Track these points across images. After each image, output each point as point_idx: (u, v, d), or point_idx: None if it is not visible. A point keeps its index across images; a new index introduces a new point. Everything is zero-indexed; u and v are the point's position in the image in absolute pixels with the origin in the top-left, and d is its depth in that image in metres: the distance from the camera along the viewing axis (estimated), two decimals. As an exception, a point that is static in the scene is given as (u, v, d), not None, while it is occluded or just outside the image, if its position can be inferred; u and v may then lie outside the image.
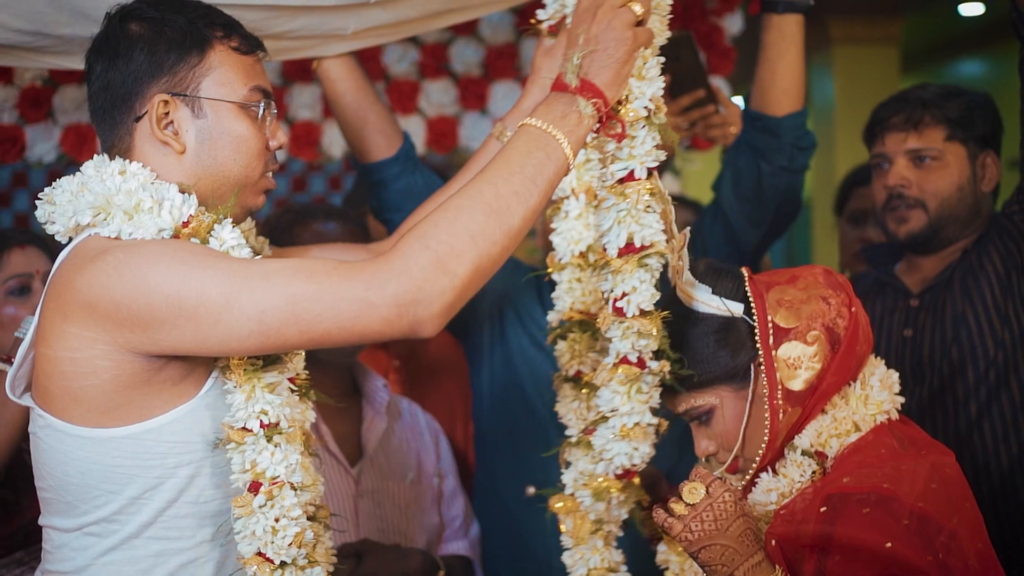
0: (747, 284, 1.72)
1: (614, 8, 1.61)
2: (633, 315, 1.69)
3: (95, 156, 1.65)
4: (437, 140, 3.12)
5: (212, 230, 1.60)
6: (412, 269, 1.48)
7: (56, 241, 1.66)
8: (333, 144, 3.11)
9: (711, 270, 1.75)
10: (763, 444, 1.69)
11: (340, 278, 1.50)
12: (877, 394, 1.70)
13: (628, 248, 1.69)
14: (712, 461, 1.75)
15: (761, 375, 1.68)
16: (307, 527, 1.61)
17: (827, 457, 1.67)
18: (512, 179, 1.54)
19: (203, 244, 1.59)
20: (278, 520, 1.58)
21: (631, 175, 1.68)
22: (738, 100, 3.10)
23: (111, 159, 1.64)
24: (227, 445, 1.59)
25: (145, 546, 1.58)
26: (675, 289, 1.77)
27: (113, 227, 1.57)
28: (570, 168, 1.59)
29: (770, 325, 1.68)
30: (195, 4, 1.69)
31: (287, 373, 1.64)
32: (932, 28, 6.45)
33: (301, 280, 1.50)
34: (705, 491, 1.57)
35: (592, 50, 1.60)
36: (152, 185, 1.60)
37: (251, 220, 1.72)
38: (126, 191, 1.57)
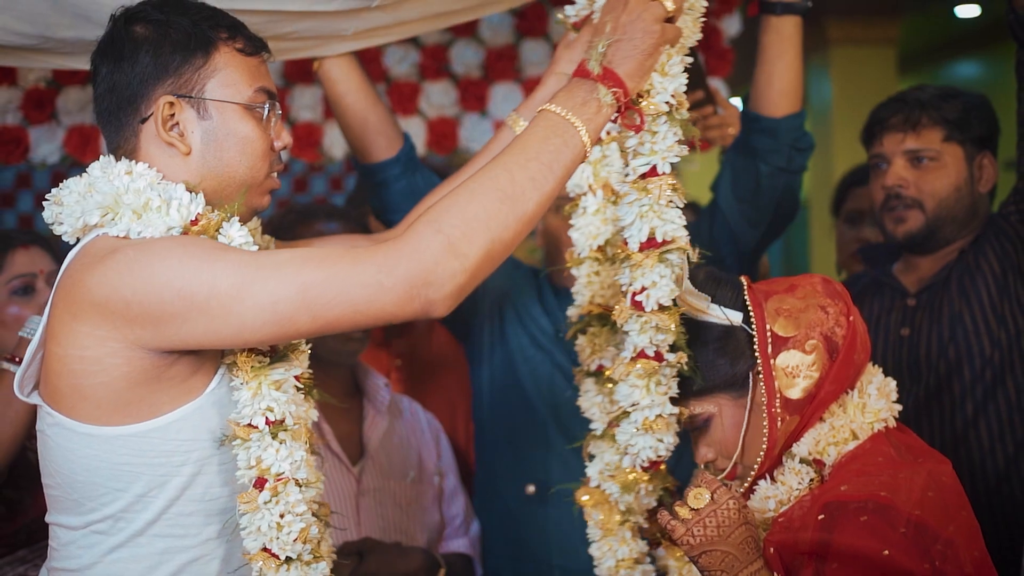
0: (746, 293, 1.73)
1: (646, 0, 1.62)
2: (652, 309, 1.69)
3: (101, 157, 1.66)
4: (437, 141, 3.13)
5: (220, 228, 1.60)
6: (423, 252, 1.48)
7: (60, 241, 1.67)
8: (334, 145, 3.11)
9: (710, 279, 1.76)
10: (761, 452, 1.70)
11: (352, 263, 1.50)
12: (874, 402, 1.71)
13: (649, 243, 1.70)
14: (711, 468, 1.75)
15: (760, 383, 1.69)
16: (312, 523, 1.62)
17: (825, 465, 1.68)
18: (528, 165, 1.54)
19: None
20: (283, 516, 1.59)
21: (653, 170, 1.69)
22: (736, 101, 3.11)
23: (117, 160, 1.64)
24: (233, 442, 1.59)
25: (151, 543, 1.59)
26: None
27: (122, 226, 1.57)
28: (587, 156, 1.59)
29: (769, 334, 1.69)
30: (200, 6, 1.69)
31: (293, 371, 1.64)
32: (929, 30, 6.46)
33: (312, 267, 1.50)
34: (710, 497, 1.58)
35: (618, 39, 1.61)
36: (159, 185, 1.60)
37: (257, 219, 1.72)
38: (135, 190, 1.58)
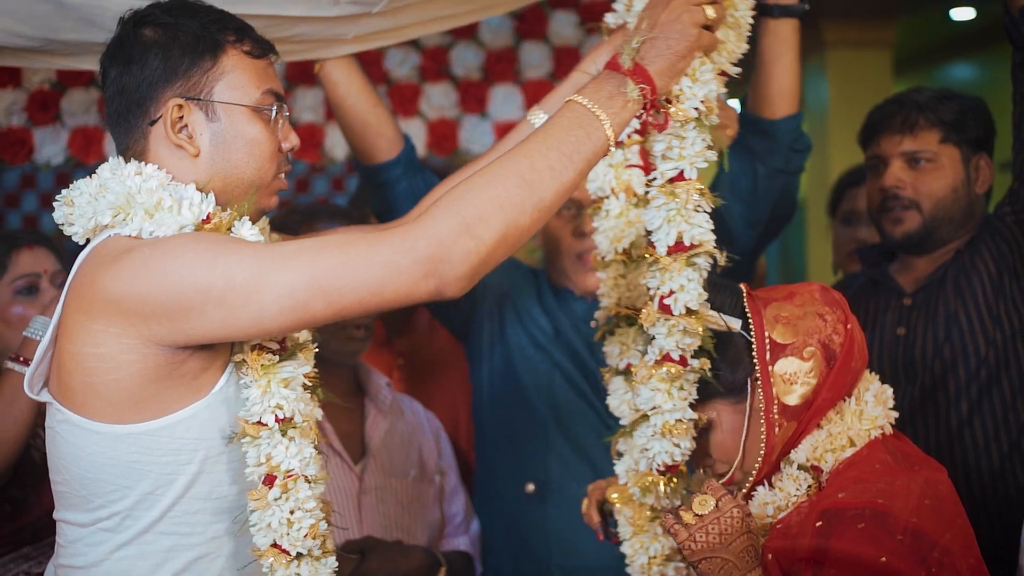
0: (745, 300, 1.74)
1: (688, 3, 1.63)
2: (680, 313, 1.70)
3: (110, 159, 1.66)
4: (438, 143, 3.14)
5: (231, 227, 1.61)
6: (439, 232, 1.49)
7: (64, 242, 1.68)
8: (335, 146, 3.12)
9: (710, 285, 1.76)
10: (759, 457, 1.70)
11: (368, 245, 1.51)
12: (871, 409, 1.72)
13: (677, 247, 1.70)
14: (709, 472, 1.77)
15: (758, 390, 1.70)
16: (321, 519, 1.63)
17: (822, 471, 1.69)
18: (549, 154, 1.55)
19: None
20: (293, 512, 1.60)
21: (681, 175, 1.70)
22: (734, 103, 3.13)
23: (126, 162, 1.65)
24: (242, 439, 1.60)
25: (157, 541, 1.59)
26: None
27: (134, 226, 1.58)
28: (610, 149, 1.60)
29: (767, 340, 1.70)
30: (208, 8, 1.69)
31: (302, 368, 1.65)
32: (925, 32, 6.46)
33: (329, 253, 1.51)
34: (715, 504, 1.58)
35: (654, 37, 1.62)
36: (170, 185, 1.61)
37: (265, 218, 1.73)
38: (147, 190, 1.58)
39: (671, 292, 1.70)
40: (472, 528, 2.66)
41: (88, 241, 1.64)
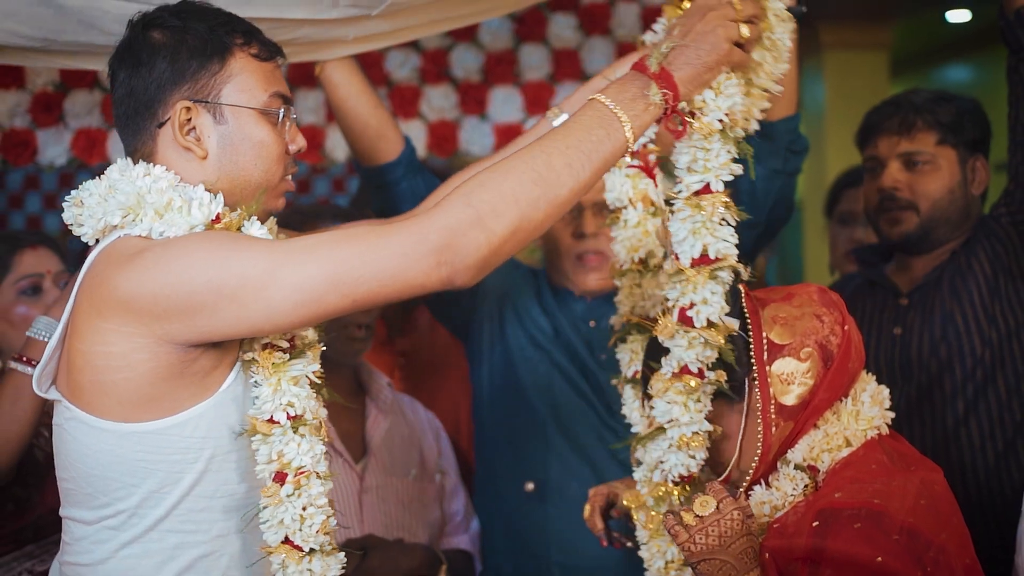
0: (743, 301, 1.75)
1: (724, 18, 1.63)
2: (702, 326, 1.68)
3: (118, 160, 1.67)
4: (438, 144, 3.14)
5: (241, 227, 1.61)
6: (451, 222, 1.50)
7: (67, 242, 1.68)
8: (336, 148, 3.12)
9: None
10: (756, 457, 1.71)
11: (380, 236, 1.51)
12: (868, 410, 1.72)
13: (702, 259, 1.68)
14: (706, 472, 1.76)
15: (755, 390, 1.70)
16: (331, 514, 1.64)
17: (819, 471, 1.69)
18: (567, 151, 1.56)
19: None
20: (305, 508, 1.61)
21: (707, 188, 1.69)
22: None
23: (134, 164, 1.65)
24: (253, 437, 1.60)
25: (163, 539, 1.59)
26: None
27: (143, 226, 1.58)
28: (628, 151, 1.60)
29: (765, 341, 1.70)
30: (216, 11, 1.70)
31: (311, 367, 1.66)
32: (921, 34, 6.47)
33: (342, 245, 1.52)
34: (716, 506, 1.58)
35: (684, 45, 1.62)
36: (179, 186, 1.61)
37: (273, 218, 1.75)
38: (157, 190, 1.59)
39: (692, 304, 1.68)
40: (472, 527, 2.67)
41: (97, 242, 1.65)
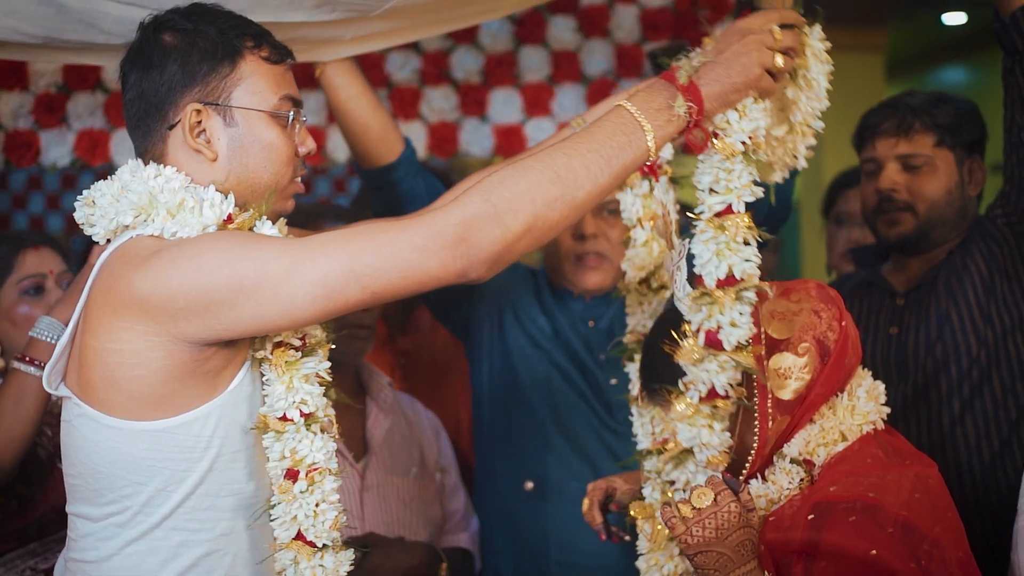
0: None
1: (761, 44, 1.64)
2: (731, 348, 1.66)
3: (129, 161, 1.68)
4: (438, 145, 3.15)
5: (252, 227, 1.63)
6: (468, 216, 1.51)
7: (70, 243, 1.69)
8: (337, 149, 3.12)
9: None
10: (752, 450, 1.71)
11: (399, 230, 1.53)
12: (863, 405, 1.73)
13: (728, 280, 1.67)
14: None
15: (753, 384, 1.71)
16: (341, 511, 1.65)
17: (815, 465, 1.69)
18: (588, 155, 1.57)
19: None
20: (318, 505, 1.62)
21: (729, 208, 1.68)
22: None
23: (145, 165, 1.66)
24: (265, 434, 1.61)
25: (168, 537, 1.60)
26: (673, 298, 1.79)
27: (155, 226, 1.59)
28: (649, 159, 1.61)
29: (763, 336, 1.71)
30: (227, 14, 1.70)
31: (322, 365, 1.66)
32: (916, 37, 6.48)
33: (361, 239, 1.53)
34: (713, 499, 1.58)
35: (715, 62, 1.64)
36: (190, 187, 1.62)
37: (283, 219, 1.75)
38: (170, 190, 1.60)
39: (719, 327, 1.67)
40: (472, 525, 2.68)
41: (108, 241, 1.66)
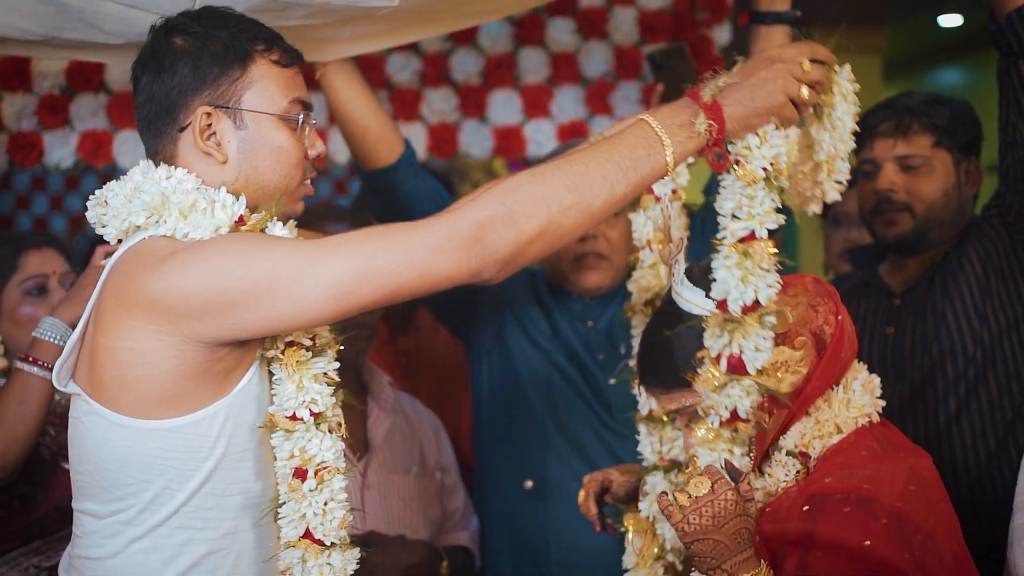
0: None
1: (788, 74, 1.66)
2: (755, 373, 1.67)
3: (141, 162, 1.68)
4: (438, 146, 3.15)
5: (264, 229, 1.63)
6: (483, 217, 1.53)
7: (73, 243, 1.69)
8: (338, 151, 3.12)
9: (705, 274, 1.76)
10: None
11: (414, 230, 1.54)
12: (859, 398, 1.74)
13: (753, 306, 1.67)
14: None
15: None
16: (348, 509, 1.66)
17: (810, 458, 1.70)
18: (606, 165, 1.58)
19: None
20: (327, 503, 1.63)
21: (752, 235, 1.69)
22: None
23: (156, 166, 1.66)
24: (274, 433, 1.62)
25: (172, 535, 1.60)
26: (671, 291, 1.80)
27: (168, 226, 1.59)
28: (667, 174, 1.62)
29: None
30: (238, 17, 1.71)
31: (331, 365, 1.67)
32: (913, 38, 6.50)
33: (373, 240, 1.54)
34: (710, 487, 1.58)
35: (741, 84, 1.65)
36: (202, 188, 1.63)
37: (293, 221, 1.75)
38: (183, 191, 1.61)
39: (742, 351, 1.67)
40: (471, 524, 2.69)
41: (119, 242, 1.66)
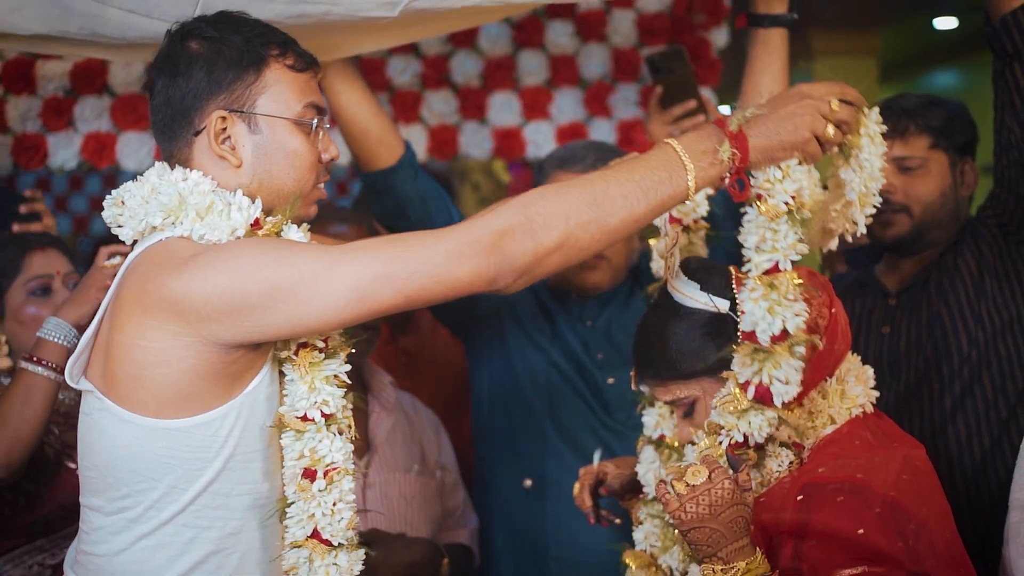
0: (734, 282, 1.76)
1: (816, 110, 1.67)
2: (780, 406, 1.69)
3: (156, 164, 1.70)
4: (438, 148, 3.17)
5: (280, 232, 1.65)
6: (503, 226, 1.55)
7: (76, 244, 1.70)
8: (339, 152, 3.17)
9: (701, 267, 1.79)
10: None
11: (436, 237, 1.56)
12: (852, 389, 1.75)
13: (782, 335, 1.68)
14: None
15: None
16: (355, 510, 1.67)
17: (804, 448, 1.72)
18: (627, 185, 1.61)
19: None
20: (336, 504, 1.64)
21: (776, 267, 1.70)
22: (724, 109, 3.20)
23: (171, 169, 1.68)
24: (284, 433, 1.63)
25: (177, 533, 1.61)
26: (666, 284, 1.81)
27: (184, 227, 1.61)
28: (687, 199, 1.65)
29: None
30: (253, 22, 1.72)
31: (343, 367, 1.68)
32: (909, 40, 6.53)
33: (393, 245, 1.56)
34: (707, 476, 1.58)
35: (768, 116, 1.67)
36: (217, 191, 1.64)
37: (306, 224, 1.75)
38: (200, 192, 1.62)
39: (772, 381, 1.68)
40: (471, 522, 2.69)
41: (135, 242, 1.67)
